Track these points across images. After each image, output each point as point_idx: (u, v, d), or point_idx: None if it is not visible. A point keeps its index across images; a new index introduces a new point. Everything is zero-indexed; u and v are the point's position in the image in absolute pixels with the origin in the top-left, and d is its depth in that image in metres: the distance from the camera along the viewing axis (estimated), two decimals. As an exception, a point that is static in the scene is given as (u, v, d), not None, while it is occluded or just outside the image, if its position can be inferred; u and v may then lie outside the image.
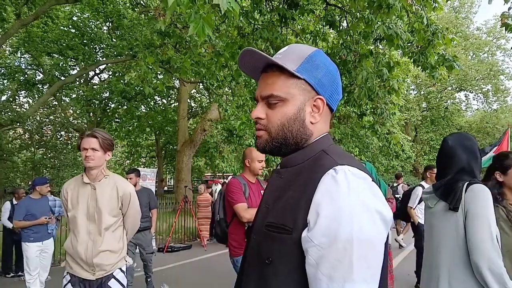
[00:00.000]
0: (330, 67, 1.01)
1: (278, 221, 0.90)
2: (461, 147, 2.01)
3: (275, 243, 0.89)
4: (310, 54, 0.99)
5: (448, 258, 1.86)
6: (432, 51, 6.05)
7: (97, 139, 2.66)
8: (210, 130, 17.94)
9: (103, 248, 2.62)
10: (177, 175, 18.21)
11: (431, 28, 5.87)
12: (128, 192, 2.78)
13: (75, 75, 16.96)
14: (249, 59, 1.00)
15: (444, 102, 31.10)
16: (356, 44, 6.55)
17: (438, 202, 2.00)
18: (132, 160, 30.60)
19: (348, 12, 6.49)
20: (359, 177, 0.85)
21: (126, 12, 14.48)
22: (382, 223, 0.82)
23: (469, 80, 30.54)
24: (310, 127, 0.98)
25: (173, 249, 9.53)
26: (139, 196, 5.45)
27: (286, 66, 0.94)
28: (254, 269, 0.95)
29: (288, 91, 0.96)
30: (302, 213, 0.85)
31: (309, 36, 7.50)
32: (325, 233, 0.79)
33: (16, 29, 11.55)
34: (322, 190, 0.84)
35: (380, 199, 0.84)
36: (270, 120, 0.98)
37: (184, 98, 19.18)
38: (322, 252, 0.79)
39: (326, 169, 0.87)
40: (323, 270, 0.79)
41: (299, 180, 0.92)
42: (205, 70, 7.57)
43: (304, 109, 0.97)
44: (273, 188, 1.02)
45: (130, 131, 24.87)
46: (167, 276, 7.10)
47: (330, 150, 0.96)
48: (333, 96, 1.01)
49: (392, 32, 5.18)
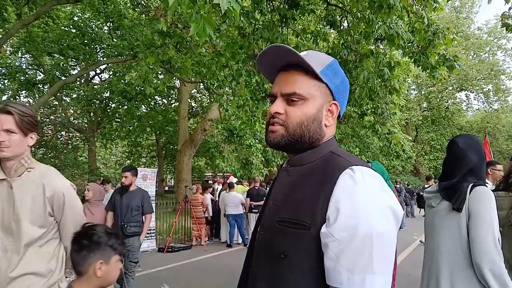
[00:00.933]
0: (344, 77, 1.09)
1: (293, 217, 0.95)
2: (471, 149, 2.01)
3: (290, 238, 0.93)
4: (330, 62, 1.06)
5: (450, 258, 1.86)
6: (432, 51, 6.04)
7: (12, 116, 1.84)
8: (210, 130, 17.94)
9: (20, 272, 1.81)
10: (178, 175, 18.23)
11: (432, 28, 5.86)
12: (60, 191, 1.93)
13: (75, 75, 16.95)
14: (272, 55, 1.04)
15: (445, 102, 31.10)
16: (357, 44, 6.54)
17: (441, 202, 2.00)
18: (132, 160, 30.60)
19: (348, 12, 6.48)
20: (374, 176, 0.92)
21: (127, 12, 14.48)
22: (394, 219, 0.89)
23: (470, 80, 30.54)
24: (324, 129, 1.04)
25: (174, 249, 9.53)
26: (130, 197, 5.24)
27: (315, 68, 1.00)
28: (265, 264, 0.99)
29: (310, 92, 1.02)
30: (320, 210, 0.90)
31: (310, 36, 7.49)
32: (345, 228, 0.85)
33: (17, 29, 11.54)
34: (341, 188, 0.90)
35: (393, 197, 0.91)
36: (290, 116, 1.02)
37: (185, 98, 19.20)
38: (342, 246, 0.84)
39: (343, 169, 0.93)
40: (343, 263, 0.84)
41: (312, 178, 0.97)
42: (206, 70, 7.57)
43: (322, 111, 1.03)
44: (282, 186, 1.06)
45: (131, 131, 24.87)
46: (168, 276, 7.10)
47: (338, 151, 1.03)
48: (343, 104, 1.09)
49: (393, 32, 5.18)
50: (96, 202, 4.94)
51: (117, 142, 28.11)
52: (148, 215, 5.41)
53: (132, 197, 5.24)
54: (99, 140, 25.34)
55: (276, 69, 1.07)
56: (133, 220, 5.14)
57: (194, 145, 17.83)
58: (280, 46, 1.01)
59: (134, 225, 5.11)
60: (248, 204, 9.98)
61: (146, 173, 10.11)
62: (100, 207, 5.05)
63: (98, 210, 4.94)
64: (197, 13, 2.99)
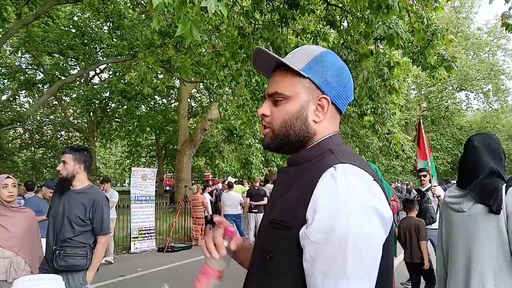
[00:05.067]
0: (340, 69, 1.02)
1: (279, 217, 0.92)
2: (489, 149, 1.95)
3: (276, 239, 0.91)
4: (318, 54, 1.00)
5: (492, 262, 1.79)
6: (431, 51, 6.04)
7: None
8: (210, 130, 17.95)
9: None
10: (177, 175, 18.23)
11: (431, 28, 5.86)
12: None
13: (75, 74, 16.98)
14: (261, 58, 1.03)
15: (444, 102, 31.10)
16: (357, 43, 6.54)
17: (473, 205, 1.90)
18: (132, 159, 30.59)
19: (348, 12, 6.48)
20: (358, 175, 0.86)
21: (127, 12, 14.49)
22: (379, 221, 0.82)
23: (470, 80, 30.55)
24: (313, 126, 0.99)
25: (173, 249, 9.53)
26: (71, 201, 3.02)
27: (291, 65, 0.96)
28: (258, 264, 0.97)
29: (292, 89, 0.98)
30: (301, 210, 0.86)
31: (310, 36, 7.49)
32: (321, 229, 0.80)
33: (16, 29, 11.56)
34: (321, 187, 0.85)
35: (379, 197, 0.85)
36: (274, 117, 1.01)
37: (185, 98, 19.21)
38: (318, 248, 0.80)
39: (327, 167, 0.88)
40: (318, 266, 0.80)
41: (302, 178, 0.93)
42: (206, 70, 7.57)
43: (307, 108, 0.98)
44: (279, 186, 1.03)
45: (130, 131, 24.86)
46: (167, 276, 7.10)
47: (337, 149, 0.97)
48: (340, 97, 1.02)
49: (393, 31, 5.18)
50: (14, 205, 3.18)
51: (116, 142, 28.12)
52: (103, 238, 3.11)
53: (75, 202, 3.02)
54: (99, 140, 25.36)
55: (271, 70, 1.05)
56: (72, 243, 2.96)
57: (194, 145, 17.85)
58: (259, 51, 1.01)
59: (71, 253, 2.93)
60: (248, 203, 9.99)
61: (146, 173, 10.11)
62: (23, 213, 3.21)
63: (17, 218, 3.12)
64: (185, 14, 2.99)
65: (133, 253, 9.30)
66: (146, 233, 9.80)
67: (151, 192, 10.11)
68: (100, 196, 3.15)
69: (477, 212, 1.87)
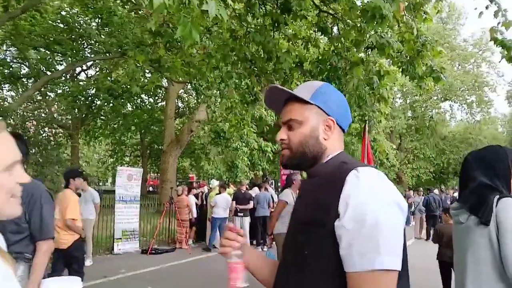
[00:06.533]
0: (339, 97, 1.28)
1: (313, 218, 1.11)
2: (482, 163, 2.00)
3: (311, 237, 1.09)
4: (319, 86, 1.26)
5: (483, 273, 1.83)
6: (420, 61, 6.12)
7: None
8: (197, 131, 17.85)
9: None
10: (162, 176, 18.07)
11: (421, 39, 5.94)
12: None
13: (62, 70, 16.71)
14: (274, 92, 1.28)
15: (429, 111, 31.54)
16: (347, 51, 6.58)
17: (469, 217, 1.96)
18: (116, 158, 30.21)
19: (340, 20, 6.52)
20: (379, 174, 1.08)
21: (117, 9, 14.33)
22: (399, 210, 1.04)
23: (454, 90, 31.05)
24: (324, 142, 1.23)
25: (157, 251, 9.44)
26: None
27: (301, 96, 1.22)
28: (294, 259, 1.15)
29: (303, 115, 1.22)
30: (333, 207, 1.04)
31: (301, 41, 7.52)
32: (354, 218, 0.99)
33: (3, 22, 11.34)
34: (349, 186, 1.05)
35: (396, 192, 1.06)
36: (291, 139, 1.24)
37: (172, 98, 19.07)
38: (353, 234, 0.99)
39: (348, 171, 1.08)
40: (354, 249, 0.98)
41: (326, 184, 1.14)
42: (196, 71, 7.53)
43: (318, 129, 1.22)
44: (306, 194, 1.27)
45: (115, 129, 24.55)
46: (152, 278, 7.04)
47: (349, 160, 1.19)
48: (342, 119, 1.27)
49: (384, 41, 5.23)
50: None
51: (100, 140, 27.72)
52: (44, 244, 2.49)
53: None
54: (82, 138, 24.98)
55: (282, 104, 1.29)
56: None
57: (180, 146, 17.72)
58: (275, 87, 1.25)
59: None
60: (234, 207, 9.94)
61: (132, 173, 10.00)
62: None
63: None
64: (185, 16, 2.99)
65: (116, 254, 9.18)
66: (130, 234, 9.68)
67: (136, 193, 10.00)
68: (39, 190, 2.55)
69: (471, 224, 1.94)
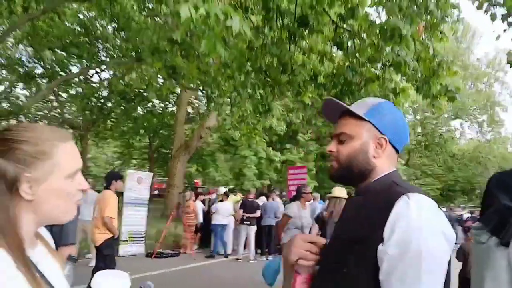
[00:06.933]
0: (394, 116, 1.24)
1: (355, 235, 1.10)
2: (503, 185, 2.01)
3: (352, 254, 1.07)
4: (377, 104, 1.24)
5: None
6: (436, 81, 6.13)
7: None
8: (205, 138, 17.92)
9: None
10: (169, 180, 18.12)
11: (437, 59, 5.96)
12: None
13: (78, 73, 16.89)
14: (331, 105, 1.27)
15: (439, 128, 31.40)
16: (362, 66, 6.60)
17: (490, 238, 1.97)
18: (123, 161, 30.37)
19: (356, 36, 6.55)
20: (429, 203, 1.05)
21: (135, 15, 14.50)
22: (446, 242, 1.01)
23: (466, 109, 30.94)
24: (373, 160, 1.20)
25: (162, 255, 9.47)
26: None
27: (355, 111, 1.20)
28: (331, 276, 1.13)
29: (355, 130, 1.20)
30: (378, 230, 1.02)
31: (316, 55, 7.55)
32: (398, 245, 0.97)
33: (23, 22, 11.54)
34: (397, 211, 1.02)
35: (445, 222, 1.04)
36: (340, 152, 1.22)
37: (183, 104, 19.20)
38: (395, 262, 0.97)
39: (399, 195, 1.05)
40: (395, 277, 0.97)
41: (374, 204, 1.12)
42: (211, 80, 7.60)
43: (368, 145, 1.20)
44: (351, 210, 1.25)
45: (125, 132, 24.72)
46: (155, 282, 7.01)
47: (400, 182, 1.16)
48: (397, 138, 1.22)
49: (401, 59, 5.26)
50: None
51: (109, 141, 27.91)
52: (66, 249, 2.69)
53: None
54: (92, 139, 25.17)
55: (337, 117, 1.28)
56: None
57: (188, 152, 17.79)
58: (330, 100, 1.24)
59: None
60: (241, 215, 9.96)
61: (142, 176, 10.07)
62: None
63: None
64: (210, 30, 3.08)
65: (121, 256, 9.22)
66: (136, 237, 9.73)
67: (145, 196, 10.07)
68: None
69: (491, 244, 1.93)
